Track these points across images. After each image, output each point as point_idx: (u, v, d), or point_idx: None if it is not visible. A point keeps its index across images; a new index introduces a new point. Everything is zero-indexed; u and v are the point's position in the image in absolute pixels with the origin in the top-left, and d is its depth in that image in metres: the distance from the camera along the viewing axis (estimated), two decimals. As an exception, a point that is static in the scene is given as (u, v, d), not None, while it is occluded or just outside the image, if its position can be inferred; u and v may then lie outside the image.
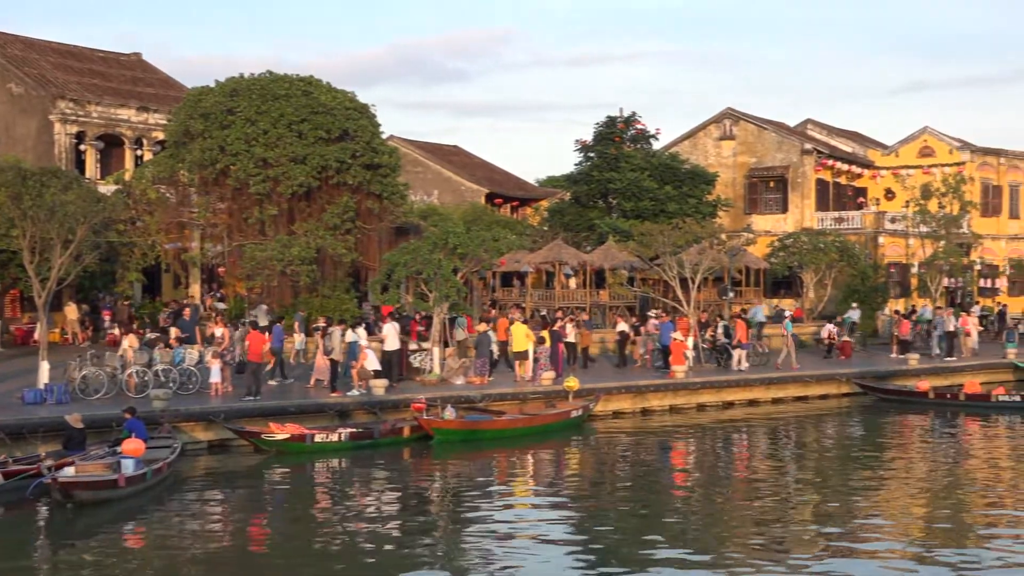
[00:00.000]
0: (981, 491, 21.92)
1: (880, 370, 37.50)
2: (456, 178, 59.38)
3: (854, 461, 25.68)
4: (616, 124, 51.06)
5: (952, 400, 33.91)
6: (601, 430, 28.87)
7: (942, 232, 46.48)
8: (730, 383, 33.72)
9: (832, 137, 62.32)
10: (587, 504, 20.51)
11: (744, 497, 21.20)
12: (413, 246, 31.84)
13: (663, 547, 16.95)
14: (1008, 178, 59.17)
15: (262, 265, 33.96)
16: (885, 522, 18.98)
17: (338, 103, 35.81)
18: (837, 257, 47.29)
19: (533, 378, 30.94)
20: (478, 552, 16.72)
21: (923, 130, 59.14)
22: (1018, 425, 30.77)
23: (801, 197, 55.25)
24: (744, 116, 57.51)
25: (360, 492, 21.73)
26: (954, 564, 15.93)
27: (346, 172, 35.16)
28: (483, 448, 25.87)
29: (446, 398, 27.39)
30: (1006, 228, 58.71)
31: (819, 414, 32.79)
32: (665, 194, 47.89)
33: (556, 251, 43.79)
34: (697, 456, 26.62)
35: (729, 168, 56.42)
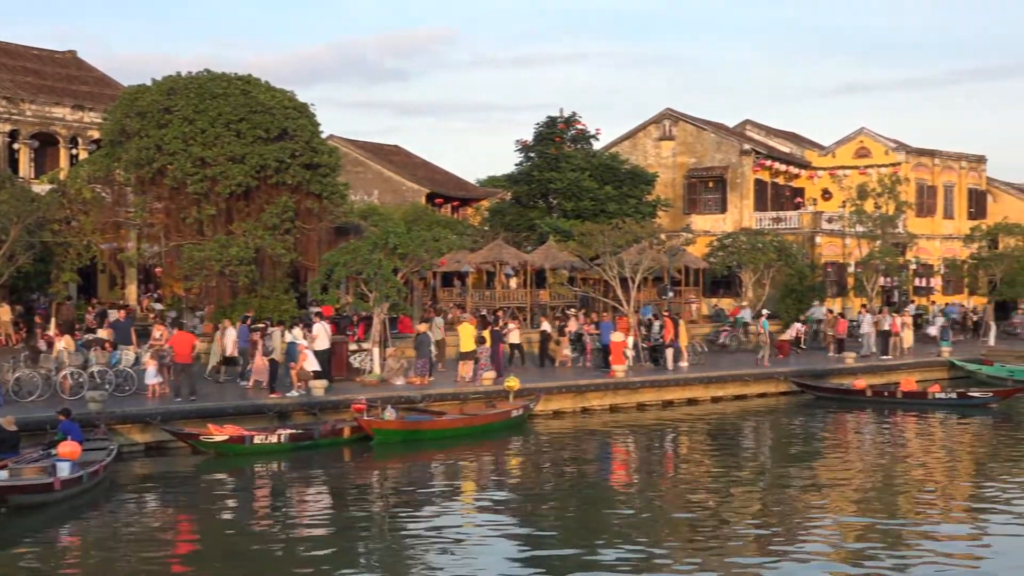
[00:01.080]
0: (918, 488, 22.19)
1: (818, 369, 37.87)
2: (397, 178, 59.19)
3: (793, 459, 25.93)
4: (556, 124, 51.19)
5: (889, 398, 34.32)
6: (541, 430, 28.90)
7: (878, 232, 47.05)
8: (670, 382, 33.90)
9: (770, 138, 62.88)
10: (527, 504, 20.51)
11: (684, 496, 21.30)
12: (353, 246, 31.71)
13: (603, 547, 16.98)
14: (942, 179, 60.01)
15: (200, 265, 33.65)
16: (823, 520, 19.13)
17: (277, 102, 35.55)
18: (775, 257, 47.71)
19: (474, 378, 30.93)
20: (418, 554, 16.67)
21: (859, 131, 59.83)
22: (953, 422, 31.20)
23: (740, 197, 55.69)
24: (683, 117, 57.86)
25: (299, 494, 21.59)
26: (889, 560, 16.11)
27: (285, 172, 34.92)
28: (423, 448, 25.80)
29: (386, 398, 27.30)
30: (940, 228, 59.53)
31: (758, 413, 33.04)
32: (605, 194, 48.06)
33: (497, 251, 43.81)
34: (637, 455, 26.74)
35: (669, 168, 56.74)
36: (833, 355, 40.41)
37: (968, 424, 30.81)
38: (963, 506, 20.44)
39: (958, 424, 30.92)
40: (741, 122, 63.99)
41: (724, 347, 42.76)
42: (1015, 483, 22.46)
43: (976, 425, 30.69)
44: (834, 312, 43.90)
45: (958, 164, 61.00)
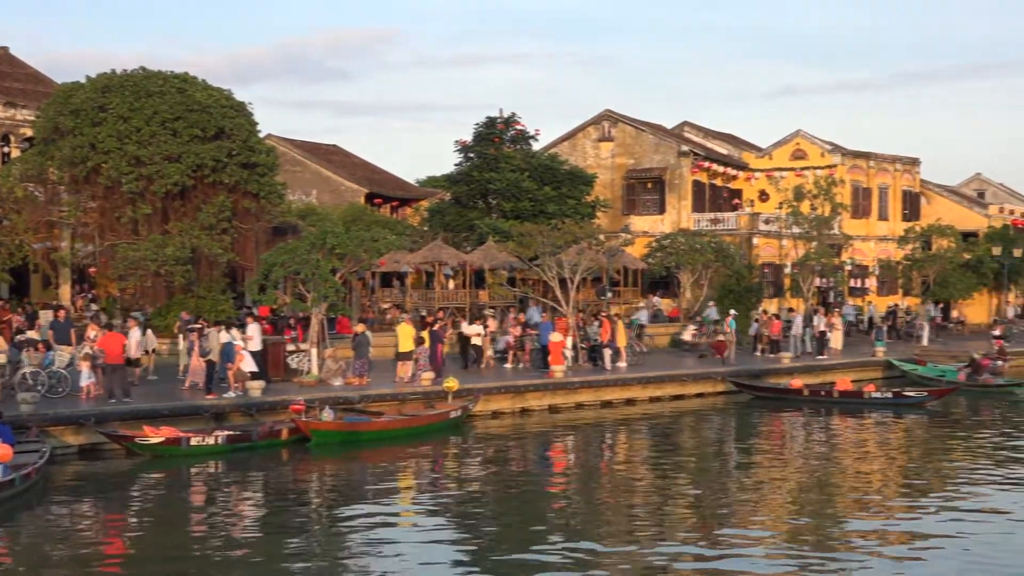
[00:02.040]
0: (854, 485, 22.43)
1: (755, 368, 38.19)
2: (335, 178, 58.91)
3: (730, 458, 26.12)
4: (496, 125, 51.17)
5: (826, 397, 34.68)
6: (480, 430, 28.89)
7: (814, 233, 47.52)
8: (608, 382, 34.01)
9: (708, 139, 63.28)
10: (466, 505, 20.47)
11: (622, 495, 21.38)
12: (291, 246, 31.51)
13: (542, 546, 16.98)
14: (877, 180, 60.72)
15: (135, 265, 33.30)
16: (761, 517, 19.28)
17: (214, 101, 35.26)
18: (713, 258, 48.02)
19: (412, 379, 30.85)
20: (356, 555, 16.60)
21: (796, 133, 60.37)
22: (889, 421, 31.59)
23: (678, 198, 55.99)
24: (622, 118, 58.08)
25: (236, 496, 21.40)
26: (826, 558, 16.26)
27: (222, 171, 34.65)
28: (362, 449, 25.68)
29: (324, 399, 27.14)
30: (875, 229, 60.24)
31: (696, 412, 33.23)
32: (544, 195, 48.13)
33: (436, 251, 43.73)
34: (576, 455, 26.79)
35: (607, 169, 56.93)
36: (767, 355, 40.75)
37: (903, 423, 31.22)
38: (899, 503, 20.66)
39: (894, 423, 31.31)
40: (679, 124, 64.32)
41: (695, 346, 42.94)
42: (949, 480, 22.76)
43: (911, 424, 31.10)
44: (768, 313, 44.26)
45: (892, 166, 61.76)
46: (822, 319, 42.90)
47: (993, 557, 16.26)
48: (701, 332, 43.95)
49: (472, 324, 35.90)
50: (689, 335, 43.78)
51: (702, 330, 44.13)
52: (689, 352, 42.83)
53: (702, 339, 43.44)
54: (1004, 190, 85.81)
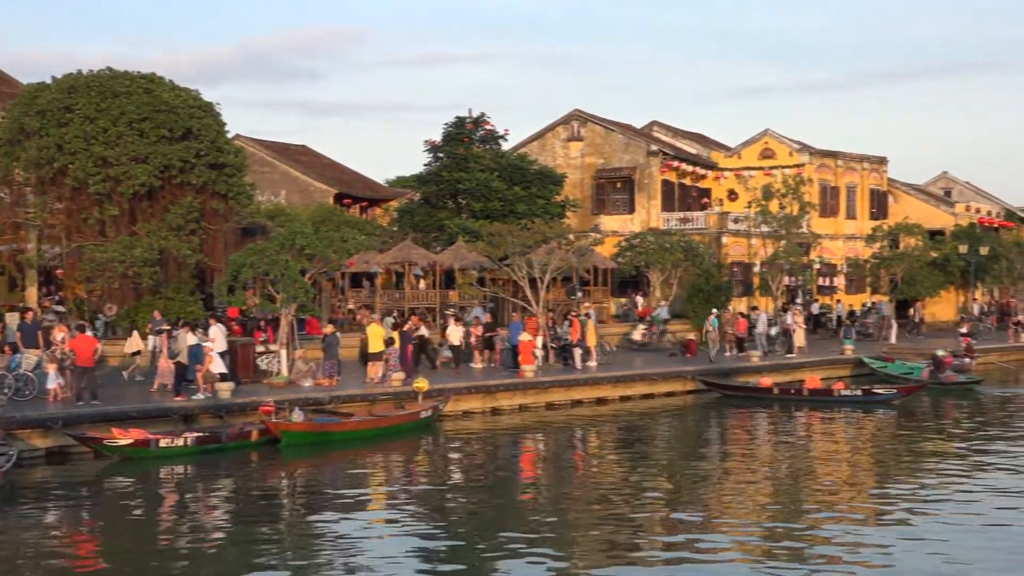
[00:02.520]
0: (825, 483, 22.52)
1: (724, 367, 38.32)
2: (304, 178, 58.69)
3: (701, 456, 26.17)
4: (465, 125, 51.11)
5: (795, 395, 34.84)
6: (451, 430, 28.86)
7: (783, 232, 47.70)
8: (578, 381, 34.05)
9: (677, 139, 63.45)
10: (437, 505, 20.44)
11: (593, 495, 21.38)
12: (260, 247, 31.39)
13: (513, 547, 16.98)
14: (845, 179, 61.04)
15: (103, 267, 33.08)
16: (733, 516, 19.34)
17: (181, 101, 35.05)
18: (682, 257, 48.13)
19: (382, 379, 30.79)
20: (326, 557, 16.54)
21: (764, 132, 60.61)
22: (859, 418, 31.77)
23: (647, 198, 56.10)
24: (591, 118, 58.15)
25: (206, 498, 21.31)
26: (797, 556, 16.33)
27: (190, 172, 34.45)
28: (332, 450, 25.62)
29: (294, 400, 27.05)
30: (843, 228, 60.56)
31: (666, 411, 33.31)
32: (514, 195, 48.10)
33: (406, 252, 43.64)
34: (546, 455, 26.80)
35: (577, 169, 56.98)
36: (735, 354, 40.88)
37: (873, 420, 31.41)
38: (869, 500, 20.76)
39: (863, 420, 31.49)
40: (648, 123, 64.46)
41: (643, 346, 43.05)
42: (918, 477, 22.88)
43: (881, 421, 31.29)
44: (733, 311, 44.31)
45: (860, 165, 62.11)
46: (792, 317, 43.13)
47: (962, 553, 16.35)
48: (651, 332, 44.01)
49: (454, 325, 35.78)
50: (639, 335, 43.82)
51: (652, 330, 44.19)
52: (639, 351, 42.92)
53: (651, 339, 43.51)
54: (970, 188, 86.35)
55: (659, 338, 43.99)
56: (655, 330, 44.17)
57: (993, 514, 18.97)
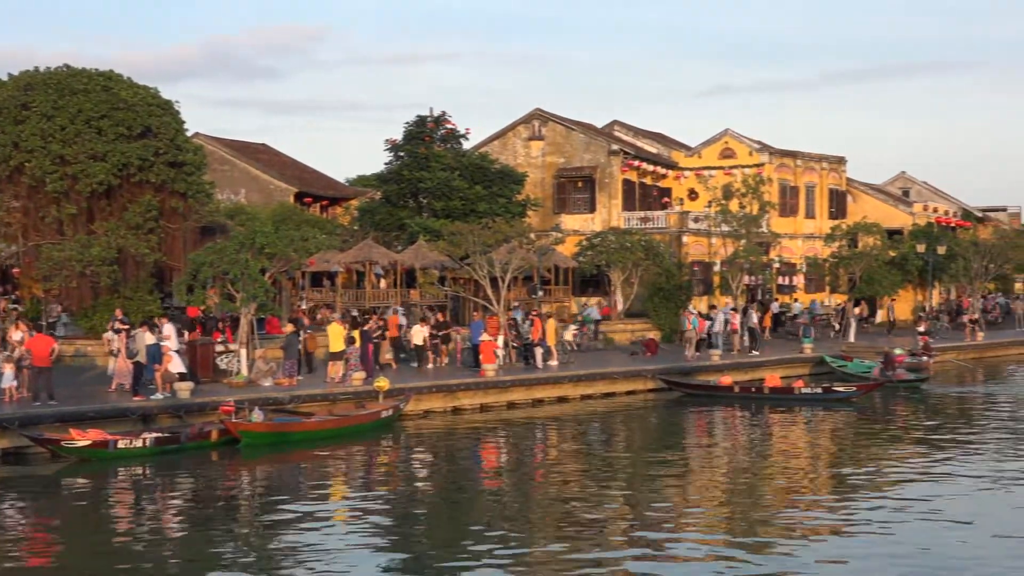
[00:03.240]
0: (786, 480, 22.65)
1: (685, 366, 38.46)
2: (264, 177, 58.36)
3: (662, 455, 26.23)
4: (426, 124, 51.03)
5: (756, 394, 35.02)
6: (412, 430, 28.82)
7: (743, 231, 47.84)
8: (539, 381, 34.08)
9: (638, 138, 63.55)
10: (397, 505, 20.41)
11: (555, 494, 21.42)
12: (219, 246, 31.21)
13: (475, 547, 16.97)
14: (804, 179, 61.37)
15: (60, 266, 32.78)
16: (694, 514, 19.41)
17: (140, 99, 34.77)
18: (643, 256, 48.25)
19: (343, 379, 30.70)
20: (286, 558, 16.47)
21: (724, 132, 60.82)
22: (819, 416, 31.99)
23: (608, 197, 56.19)
24: (552, 117, 58.17)
25: (164, 499, 21.17)
26: (757, 552, 16.41)
27: (149, 170, 34.18)
28: (292, 451, 25.52)
29: (254, 400, 26.92)
30: (802, 227, 60.88)
31: (627, 410, 33.40)
32: (475, 194, 48.08)
33: (366, 251, 43.51)
34: (508, 454, 26.81)
35: (538, 168, 56.98)
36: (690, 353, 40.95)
37: (833, 418, 31.63)
38: (829, 497, 20.89)
39: (824, 418, 31.71)
40: (609, 123, 64.53)
41: (578, 346, 42.86)
42: (877, 474, 23.04)
43: (841, 419, 31.52)
44: (693, 311, 44.30)
45: (819, 165, 62.46)
46: (755, 315, 43.43)
47: (918, 551, 16.49)
48: (582, 332, 44.02)
49: (417, 325, 35.70)
50: (571, 335, 43.80)
51: (583, 330, 44.19)
52: (572, 351, 42.92)
53: (583, 339, 43.52)
54: (928, 188, 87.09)
55: (592, 338, 43.89)
56: (587, 331, 44.16)
57: (949, 509, 19.15)
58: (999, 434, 28.63)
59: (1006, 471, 22.90)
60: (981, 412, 33.05)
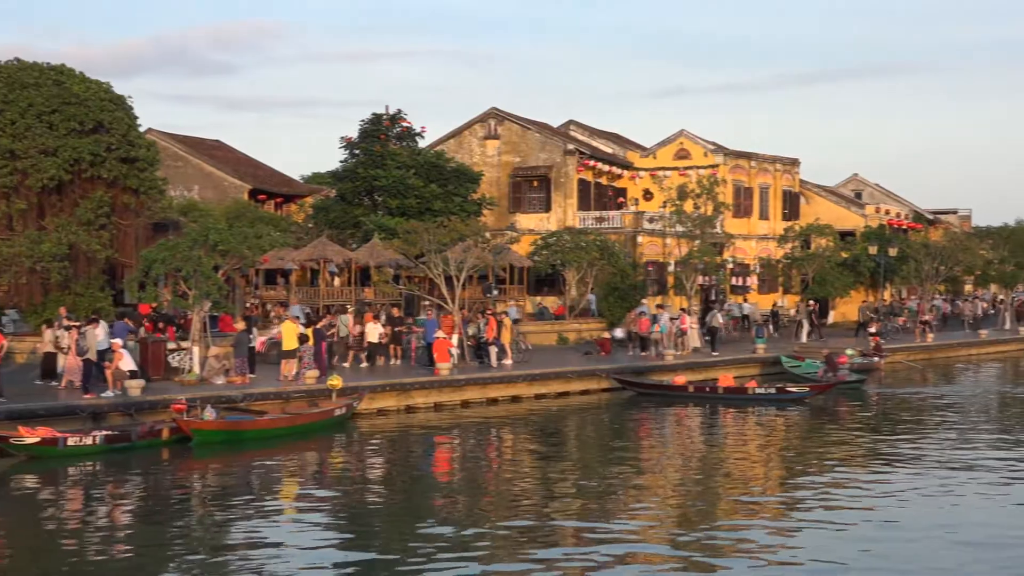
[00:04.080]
0: (738, 479, 22.76)
1: (639, 366, 38.58)
2: (218, 173, 58.06)
3: (615, 454, 26.30)
4: (382, 122, 50.91)
5: (710, 394, 35.19)
6: (365, 429, 28.73)
7: (697, 232, 48.12)
8: (494, 380, 34.08)
9: (593, 138, 63.72)
10: (350, 504, 20.34)
11: (508, 493, 21.43)
12: (172, 243, 30.99)
13: (426, 547, 16.93)
14: (758, 180, 61.78)
15: (9, 262, 32.47)
16: (647, 513, 19.46)
17: (92, 93, 34.48)
18: (598, 256, 48.39)
19: (296, 377, 30.57)
20: (238, 558, 16.36)
21: (680, 133, 61.12)
22: (773, 416, 32.21)
23: (564, 196, 56.31)
24: (508, 116, 58.22)
25: (114, 497, 20.96)
26: (709, 551, 16.49)
27: (100, 165, 33.90)
28: (245, 449, 25.35)
29: (206, 398, 26.74)
30: (756, 228, 61.28)
31: (581, 409, 33.47)
32: (430, 192, 48.01)
33: (321, 248, 43.34)
34: (461, 453, 26.78)
35: (494, 167, 57.02)
36: (638, 353, 41.00)
37: (786, 417, 31.85)
38: (781, 495, 21.03)
39: (777, 418, 31.92)
40: (565, 122, 64.67)
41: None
42: (829, 473, 23.19)
43: (794, 418, 31.75)
44: (637, 311, 44.36)
45: (773, 167, 62.89)
46: (718, 316, 43.72)
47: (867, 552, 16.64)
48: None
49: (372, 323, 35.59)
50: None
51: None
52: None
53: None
54: (880, 191, 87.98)
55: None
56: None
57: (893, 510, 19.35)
58: (938, 434, 28.78)
59: (944, 471, 23.04)
60: (921, 412, 33.26)
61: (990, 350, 55.03)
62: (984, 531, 17.77)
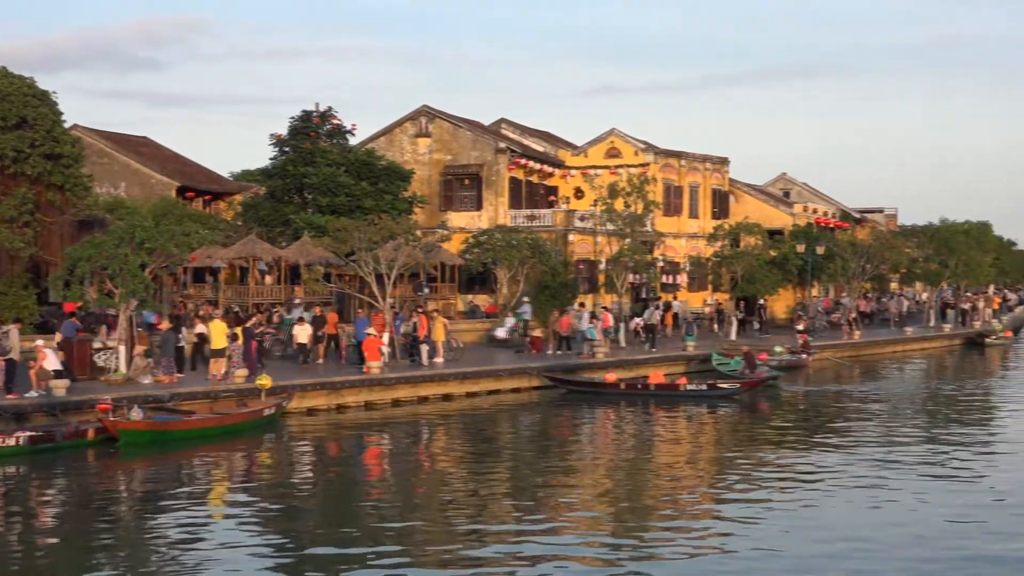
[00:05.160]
0: (668, 476, 22.91)
1: (570, 363, 38.67)
2: (145, 170, 57.29)
3: (545, 451, 26.36)
4: (312, 119, 50.55)
5: (642, 391, 35.34)
6: (295, 428, 28.52)
7: (627, 230, 48.32)
8: (425, 378, 33.99)
9: (525, 136, 63.76)
10: (280, 504, 20.17)
11: (437, 491, 21.39)
12: (98, 240, 30.54)
13: (356, 545, 16.85)
14: (688, 179, 62.19)
15: (-71, 259, 31.86)
16: (577, 509, 19.51)
17: (15, 89, 33.93)
18: (529, 254, 48.46)
19: (225, 376, 30.28)
20: (164, 559, 16.17)
21: (610, 132, 61.35)
22: (704, 412, 32.48)
23: (495, 195, 56.31)
24: (440, 114, 58.10)
25: (38, 499, 20.63)
26: (638, 548, 16.56)
27: (24, 162, 33.38)
28: (173, 449, 25.06)
29: (133, 398, 26.40)
30: (686, 227, 61.68)
31: (512, 407, 33.49)
32: (361, 190, 47.75)
33: (250, 246, 42.97)
34: (391, 452, 26.68)
35: (425, 165, 56.87)
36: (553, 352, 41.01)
37: (717, 414, 32.11)
38: (712, 490, 21.19)
39: (709, 414, 32.16)
40: (497, 120, 64.65)
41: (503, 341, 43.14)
42: (758, 468, 23.41)
43: (725, 415, 32.00)
44: (560, 310, 44.37)
45: (703, 166, 63.33)
46: (656, 314, 44.05)
47: (792, 544, 16.79)
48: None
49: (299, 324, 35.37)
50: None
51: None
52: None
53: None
54: (808, 190, 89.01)
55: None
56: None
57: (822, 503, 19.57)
58: (847, 429, 29.16)
59: (854, 468, 23.32)
60: (831, 409, 33.67)
61: (915, 347, 55.95)
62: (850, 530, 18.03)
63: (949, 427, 29.69)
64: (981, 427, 30.39)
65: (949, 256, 64.24)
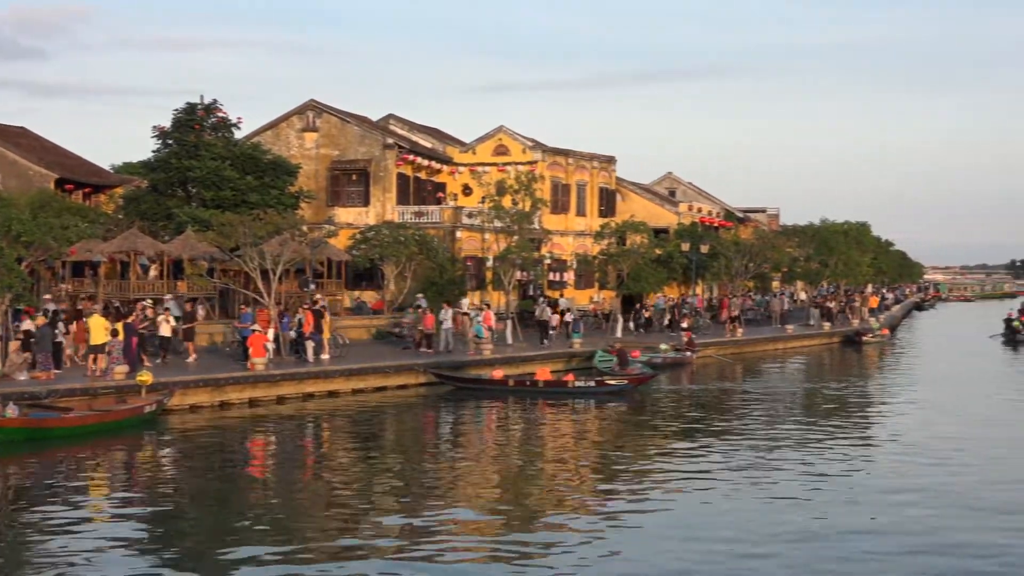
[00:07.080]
0: (553, 474, 23.02)
1: (456, 360, 38.66)
2: (23, 162, 55.85)
3: (431, 449, 26.34)
4: (196, 111, 49.72)
5: (530, 388, 35.44)
6: (177, 425, 28.06)
7: (515, 228, 48.48)
8: (310, 375, 33.71)
9: (413, 132, 63.64)
10: (160, 503, 19.84)
11: (323, 490, 21.23)
12: (-28, 233, 29.72)
13: (241, 544, 16.64)
14: (575, 177, 62.64)
15: None
16: (460, 508, 19.51)
17: None
18: (417, 250, 48.42)
19: (105, 372, 29.68)
20: (41, 563, 15.78)
21: (498, 129, 61.53)
22: (592, 408, 32.81)
23: (383, 191, 56.09)
24: (327, 108, 57.70)
25: (-94, 499, 20.01)
26: (526, 544, 16.61)
27: None
28: (50, 448, 24.48)
29: (8, 395, 25.74)
30: (573, 225, 62.11)
31: (399, 404, 33.38)
32: (246, 184, 47.13)
33: (131, 240, 42.13)
34: (275, 450, 26.41)
35: (312, 160, 56.44)
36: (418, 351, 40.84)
37: (605, 410, 32.39)
38: (602, 486, 21.37)
39: (597, 410, 32.42)
40: (385, 116, 64.43)
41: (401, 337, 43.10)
42: (647, 462, 23.66)
43: (613, 411, 32.30)
44: (423, 308, 44.23)
45: (590, 164, 63.83)
46: (547, 310, 44.27)
47: (686, 540, 17.01)
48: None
49: (162, 316, 34.77)
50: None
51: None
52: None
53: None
54: (693, 189, 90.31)
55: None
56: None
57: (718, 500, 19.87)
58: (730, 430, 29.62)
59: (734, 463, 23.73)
60: (707, 406, 34.26)
61: (796, 344, 57.07)
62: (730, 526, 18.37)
63: (825, 424, 30.29)
64: (856, 425, 31.01)
65: (829, 255, 65.68)
